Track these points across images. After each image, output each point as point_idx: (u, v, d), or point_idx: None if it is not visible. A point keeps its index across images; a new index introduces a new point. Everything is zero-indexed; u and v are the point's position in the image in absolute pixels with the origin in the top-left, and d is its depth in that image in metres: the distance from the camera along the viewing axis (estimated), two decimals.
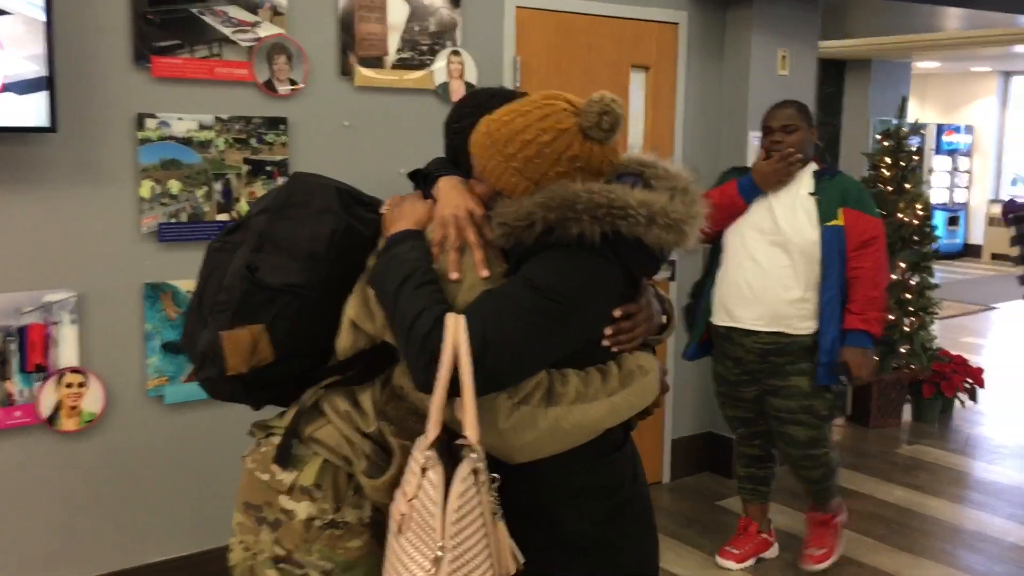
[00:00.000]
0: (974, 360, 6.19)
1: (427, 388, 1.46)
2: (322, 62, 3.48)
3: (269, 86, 3.36)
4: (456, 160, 1.75)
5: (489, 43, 3.86)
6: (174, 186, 3.22)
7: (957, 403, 5.94)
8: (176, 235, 3.23)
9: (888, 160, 5.73)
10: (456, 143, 1.73)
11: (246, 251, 1.69)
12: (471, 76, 3.79)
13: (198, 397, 3.32)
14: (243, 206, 3.34)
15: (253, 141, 3.35)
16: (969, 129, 14.29)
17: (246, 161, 3.34)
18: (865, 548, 4.04)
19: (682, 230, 1.53)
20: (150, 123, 3.16)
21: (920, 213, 5.65)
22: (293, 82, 3.41)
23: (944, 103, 14.41)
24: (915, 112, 11.24)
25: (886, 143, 5.78)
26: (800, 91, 4.74)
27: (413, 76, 3.66)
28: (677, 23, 4.40)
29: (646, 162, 1.65)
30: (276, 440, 1.73)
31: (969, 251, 14.18)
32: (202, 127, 3.25)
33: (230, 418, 3.40)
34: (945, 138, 13.99)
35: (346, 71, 3.52)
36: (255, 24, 3.31)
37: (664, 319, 1.73)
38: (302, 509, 1.67)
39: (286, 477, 1.69)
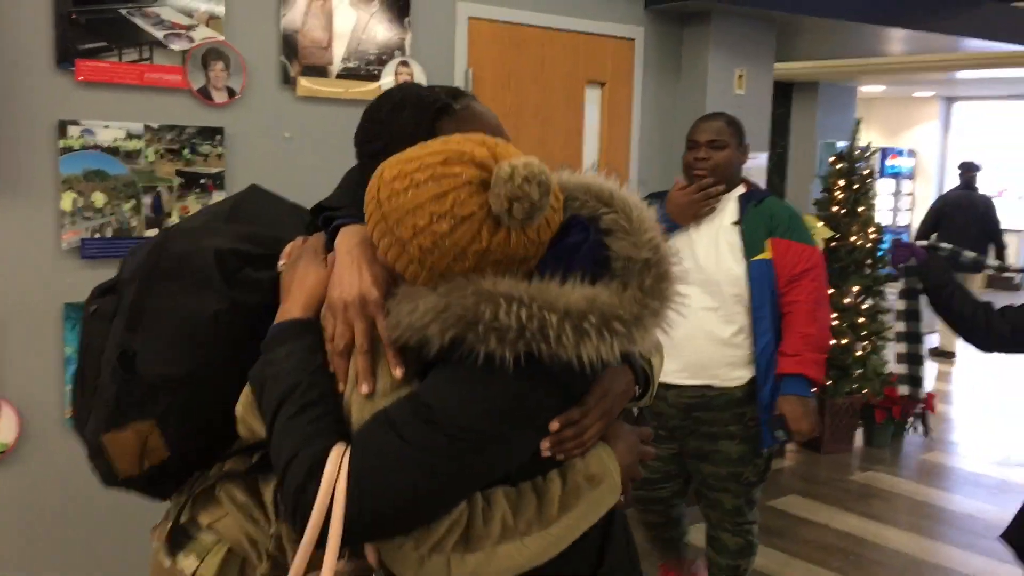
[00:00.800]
0: None
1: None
2: (262, 70, 3.28)
3: (204, 94, 3.16)
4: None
5: (440, 54, 3.69)
6: (98, 199, 2.99)
7: (908, 428, 5.89)
8: (100, 252, 3.00)
9: (841, 182, 5.69)
10: (368, 171, 1.28)
11: (120, 326, 1.37)
12: None
13: None
14: (174, 222, 3.12)
15: (186, 152, 3.14)
16: (912, 153, 14.49)
17: (178, 173, 3.13)
18: None
19: (632, 336, 1.16)
20: (73, 131, 2.93)
21: (872, 236, 5.60)
22: (231, 90, 3.20)
23: (888, 127, 14.60)
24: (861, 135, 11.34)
25: (839, 166, 5.74)
26: (756, 111, 4.66)
27: (359, 87, 3.48)
28: (633, 39, 4.28)
29: (606, 197, 1.26)
30: None
31: (888, 275, 14.33)
32: (130, 136, 3.03)
33: None
34: (889, 162, 14.16)
35: (288, 80, 3.33)
36: (190, 27, 3.11)
37: (638, 389, 1.40)
38: None
39: (188, 566, 1.41)
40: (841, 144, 10.60)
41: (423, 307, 1.14)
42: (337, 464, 1.13)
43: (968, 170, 8.99)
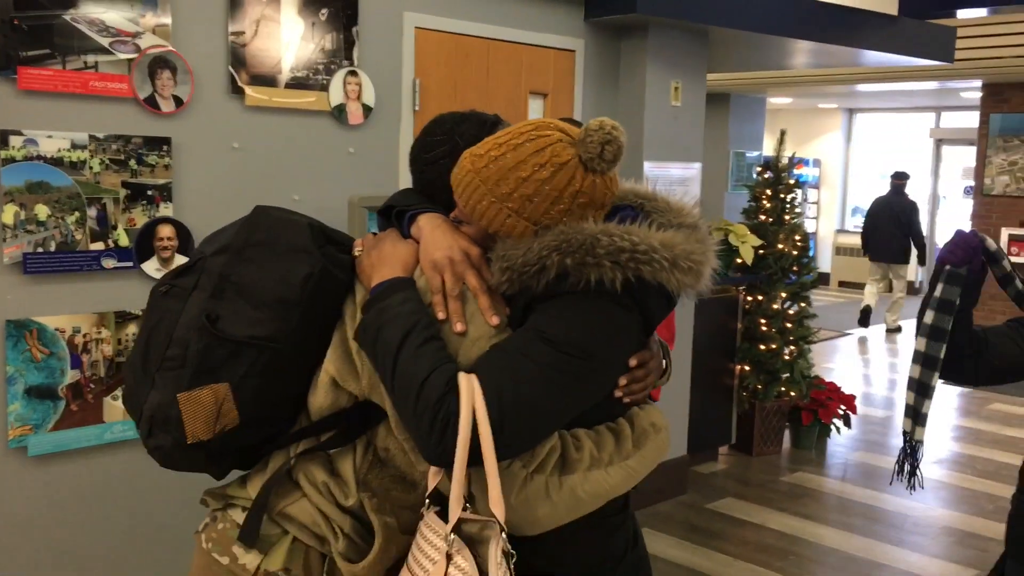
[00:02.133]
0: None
1: (441, 461, 1.29)
2: (210, 79, 3.20)
3: (151, 103, 3.06)
4: (430, 194, 1.55)
5: (387, 64, 3.67)
6: (42, 211, 2.87)
7: (832, 429, 6.08)
8: (43, 266, 2.88)
9: (768, 192, 5.85)
10: (430, 176, 1.55)
11: (203, 297, 1.44)
12: (368, 98, 3.58)
13: (66, 447, 2.96)
14: (120, 234, 3.02)
15: (132, 163, 3.04)
16: (817, 163, 15.00)
17: (124, 185, 3.03)
18: None
19: (700, 272, 1.39)
20: (15, 141, 2.81)
21: (799, 244, 5.78)
22: (178, 99, 3.12)
23: (794, 137, 15.07)
24: (768, 145, 11.71)
25: (766, 175, 5.90)
26: (691, 122, 4.77)
27: (308, 97, 3.43)
28: (574, 50, 4.33)
29: (643, 194, 1.51)
30: (235, 514, 1.49)
31: (819, 279, 14.81)
32: (75, 146, 2.92)
33: (107, 473, 3.06)
34: (795, 171, 14.60)
35: (236, 89, 3.26)
36: (136, 35, 3.01)
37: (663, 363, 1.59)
38: None
39: (250, 560, 1.45)
40: (751, 154, 10.97)
41: (536, 246, 1.33)
42: (470, 385, 1.26)
43: (898, 178, 10.23)
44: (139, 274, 3.06)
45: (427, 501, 1.35)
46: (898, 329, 10.33)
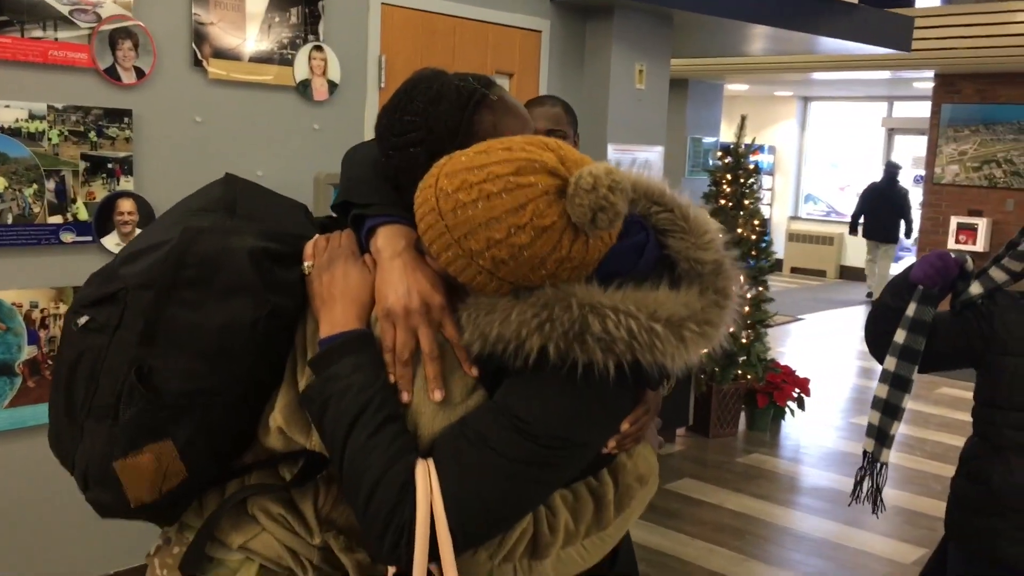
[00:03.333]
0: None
1: (395, 565, 1.14)
2: (172, 51, 3.14)
3: (112, 74, 3.00)
4: (396, 185, 1.27)
5: (353, 39, 3.63)
6: None
7: (786, 412, 6.17)
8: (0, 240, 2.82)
9: (728, 177, 5.91)
10: (396, 163, 1.26)
11: (130, 340, 1.21)
12: (334, 74, 3.55)
13: (23, 424, 2.91)
14: (79, 208, 2.96)
15: (92, 134, 2.98)
16: (772, 150, 15.15)
17: (84, 157, 2.97)
18: (728, 561, 4.09)
19: (711, 339, 1.16)
20: None
21: (757, 229, 5.85)
22: (139, 71, 3.06)
23: (750, 124, 15.18)
24: (725, 132, 11.83)
25: (726, 160, 5.96)
26: (655, 105, 4.79)
27: (272, 71, 3.38)
28: (540, 31, 4.32)
29: (660, 199, 1.25)
30: (191, 536, 1.34)
31: (773, 265, 14.99)
32: (33, 116, 2.85)
33: None
34: (751, 158, 14.74)
35: (199, 62, 3.20)
36: (97, 4, 2.95)
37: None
38: None
39: None
40: (708, 140, 11.07)
41: (515, 317, 1.10)
42: (428, 482, 1.10)
43: (893, 168, 11.17)
44: (99, 249, 3.00)
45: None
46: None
